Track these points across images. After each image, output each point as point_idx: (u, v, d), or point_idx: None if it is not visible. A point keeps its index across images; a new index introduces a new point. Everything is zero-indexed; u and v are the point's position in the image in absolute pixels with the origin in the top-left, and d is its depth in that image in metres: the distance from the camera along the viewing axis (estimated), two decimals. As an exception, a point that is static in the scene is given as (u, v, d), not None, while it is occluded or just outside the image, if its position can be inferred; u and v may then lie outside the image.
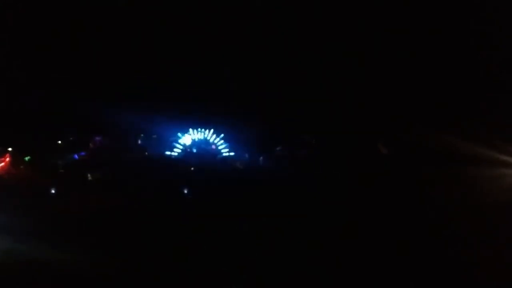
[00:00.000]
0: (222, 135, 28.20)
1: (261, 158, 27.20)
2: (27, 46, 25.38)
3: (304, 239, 20.16)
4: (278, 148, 27.54)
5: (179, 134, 28.10)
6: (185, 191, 25.00)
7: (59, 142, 27.34)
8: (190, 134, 28.25)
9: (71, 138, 27.52)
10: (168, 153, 27.76)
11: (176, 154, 27.83)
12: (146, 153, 27.79)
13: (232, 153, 27.95)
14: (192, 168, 27.07)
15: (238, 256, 19.56)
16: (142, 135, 28.12)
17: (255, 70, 25.80)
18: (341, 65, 24.87)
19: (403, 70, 24.55)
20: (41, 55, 25.75)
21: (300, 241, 20.13)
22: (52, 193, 24.49)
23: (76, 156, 27.04)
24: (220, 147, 28.12)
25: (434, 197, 21.88)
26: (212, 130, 28.28)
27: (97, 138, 27.54)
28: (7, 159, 25.79)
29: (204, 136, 28.32)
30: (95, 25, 25.24)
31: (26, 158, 26.16)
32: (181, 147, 27.93)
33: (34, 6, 24.74)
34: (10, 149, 26.02)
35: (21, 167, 25.95)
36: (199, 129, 28.31)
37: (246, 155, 27.57)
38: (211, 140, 28.24)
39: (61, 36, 25.42)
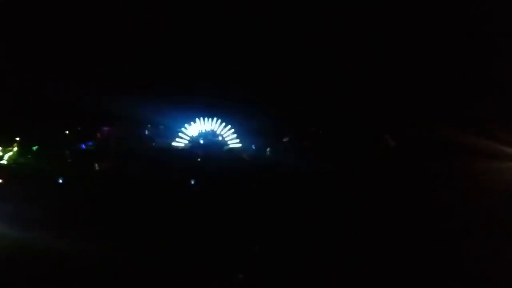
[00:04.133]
0: (229, 126, 28.13)
1: (268, 149, 27.12)
2: (35, 36, 25.38)
3: (311, 232, 20.19)
4: (285, 139, 27.48)
5: (186, 125, 28.05)
6: (192, 182, 24.99)
7: (67, 132, 27.41)
8: (197, 125, 28.19)
9: (78, 128, 27.59)
10: (175, 143, 27.75)
11: (183, 145, 27.83)
12: (153, 143, 27.82)
13: (239, 144, 27.89)
14: (199, 159, 27.03)
15: (242, 248, 19.62)
16: (149, 125, 28.13)
17: (262, 62, 25.72)
18: (348, 56, 24.71)
19: (411, 63, 24.37)
20: (49, 45, 25.79)
21: (306, 233, 20.15)
22: (60, 183, 24.56)
23: (83, 146, 27.10)
24: (227, 138, 28.07)
25: (440, 191, 21.80)
26: (219, 121, 28.22)
27: (105, 128, 27.61)
28: (15, 148, 25.92)
29: (211, 127, 28.28)
30: (102, 15, 25.18)
31: (34, 148, 26.26)
32: (188, 138, 27.92)
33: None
34: (18, 138, 26.14)
35: (29, 156, 26.07)
36: (206, 120, 28.26)
37: (253, 146, 27.50)
38: (218, 131, 28.19)
39: (69, 27, 25.41)
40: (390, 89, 24.38)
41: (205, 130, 28.24)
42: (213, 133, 28.19)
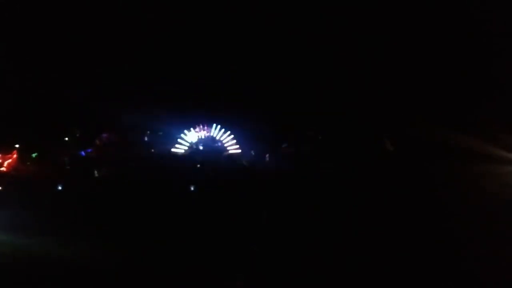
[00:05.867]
0: (228, 132, 28.06)
1: (267, 155, 27.02)
2: (32, 43, 25.56)
3: (310, 235, 20.09)
4: (284, 145, 27.40)
5: (185, 131, 28.03)
6: (191, 188, 24.92)
7: (66, 139, 27.44)
8: (196, 131, 28.15)
9: (77, 135, 27.60)
10: (174, 150, 27.71)
11: (182, 151, 27.78)
12: (152, 150, 27.78)
13: (238, 150, 27.80)
14: (198, 165, 26.97)
15: (241, 252, 19.54)
16: (148, 132, 28.11)
17: (260, 67, 25.78)
18: (346, 60, 24.71)
19: (409, 65, 24.35)
20: (47, 52, 25.95)
21: (305, 237, 20.05)
22: (59, 190, 24.55)
23: (83, 153, 27.11)
24: (226, 144, 27.99)
25: (440, 192, 21.70)
26: (218, 127, 28.16)
27: (104, 135, 27.61)
28: (14, 155, 25.96)
29: (210, 133, 28.23)
30: (99, 22, 25.36)
31: (33, 155, 26.30)
32: (187, 144, 27.88)
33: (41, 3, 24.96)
34: (17, 145, 26.19)
35: (28, 163, 26.09)
36: (205, 126, 28.21)
37: (252, 152, 27.39)
38: (217, 137, 28.12)
39: (66, 33, 25.57)
40: (389, 91, 24.34)
41: (204, 136, 28.13)
42: (212, 139, 28.10)
